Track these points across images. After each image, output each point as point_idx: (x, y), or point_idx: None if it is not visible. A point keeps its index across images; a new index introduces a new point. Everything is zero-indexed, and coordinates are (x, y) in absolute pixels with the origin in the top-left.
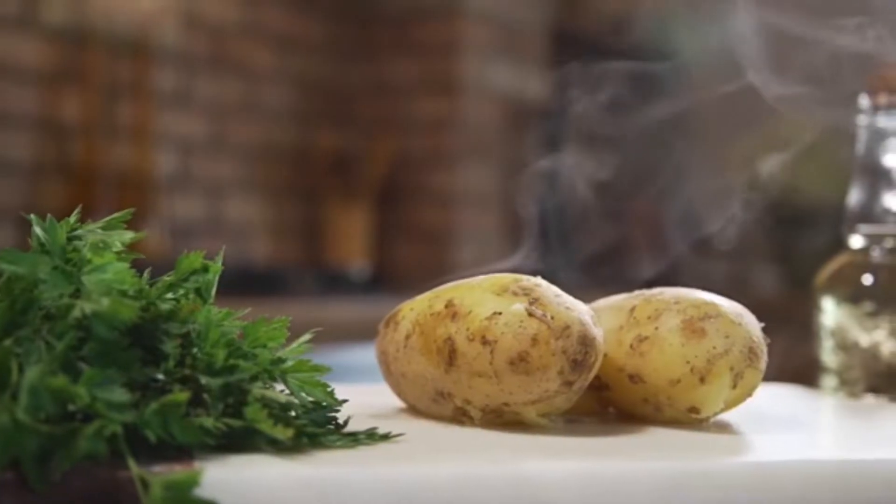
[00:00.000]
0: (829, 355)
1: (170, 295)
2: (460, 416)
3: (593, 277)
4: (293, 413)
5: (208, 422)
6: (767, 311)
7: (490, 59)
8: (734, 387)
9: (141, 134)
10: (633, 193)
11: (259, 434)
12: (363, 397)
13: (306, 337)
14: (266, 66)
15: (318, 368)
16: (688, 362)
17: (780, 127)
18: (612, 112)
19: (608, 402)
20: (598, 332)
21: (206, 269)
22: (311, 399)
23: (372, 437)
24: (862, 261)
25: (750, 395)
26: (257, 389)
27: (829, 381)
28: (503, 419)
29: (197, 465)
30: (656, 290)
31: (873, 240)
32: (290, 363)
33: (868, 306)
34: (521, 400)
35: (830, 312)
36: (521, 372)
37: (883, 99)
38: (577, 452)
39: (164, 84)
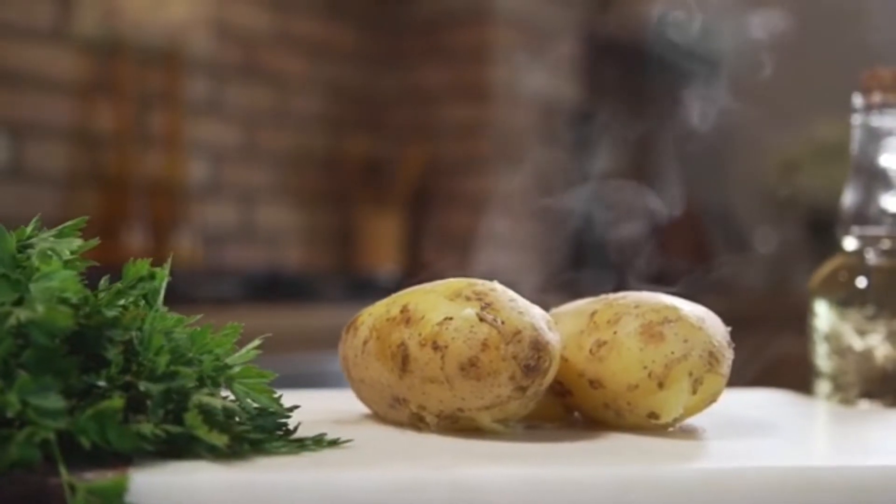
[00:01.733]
0: (823, 360)
1: (122, 302)
2: (417, 422)
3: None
4: (238, 419)
5: (147, 428)
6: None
7: (521, 63)
8: (694, 392)
9: (173, 142)
10: (668, 197)
11: (198, 440)
12: (331, 403)
13: (255, 343)
14: (297, 74)
15: (263, 375)
16: (645, 367)
17: (819, 130)
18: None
19: (572, 407)
20: (552, 337)
21: (152, 277)
22: (255, 405)
23: (319, 442)
24: (856, 263)
25: (713, 400)
26: (198, 396)
27: (823, 386)
28: (459, 425)
29: (130, 471)
30: (619, 294)
31: (868, 242)
32: (235, 370)
33: (862, 310)
34: (474, 405)
35: (824, 316)
36: (471, 377)
37: (877, 98)
38: (519, 458)
39: (195, 93)
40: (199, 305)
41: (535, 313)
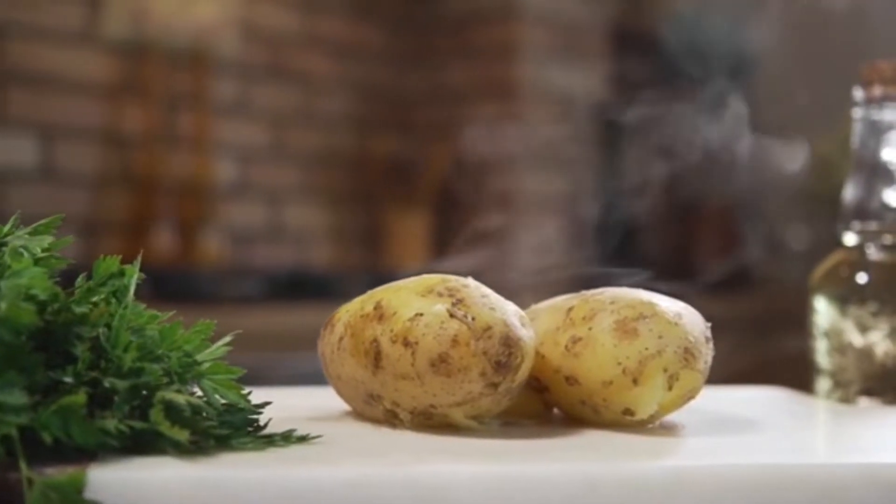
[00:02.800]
0: (822, 357)
1: (95, 299)
2: (391, 419)
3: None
4: (205, 415)
5: (111, 424)
6: None
7: (550, 60)
8: (669, 389)
9: (200, 143)
10: (700, 194)
11: (162, 436)
12: (318, 400)
13: (226, 339)
14: (324, 74)
15: (232, 371)
16: (619, 363)
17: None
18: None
19: (551, 403)
20: (524, 334)
21: (122, 274)
22: (223, 401)
23: (287, 439)
24: (857, 259)
25: (691, 397)
26: (162, 392)
27: (823, 383)
28: (433, 421)
29: (90, 467)
30: (597, 290)
31: (868, 237)
32: (204, 366)
33: (862, 306)
34: (446, 402)
35: (824, 312)
36: (442, 373)
37: (877, 91)
38: (483, 455)
39: (223, 94)
40: (225, 305)
41: (508, 309)
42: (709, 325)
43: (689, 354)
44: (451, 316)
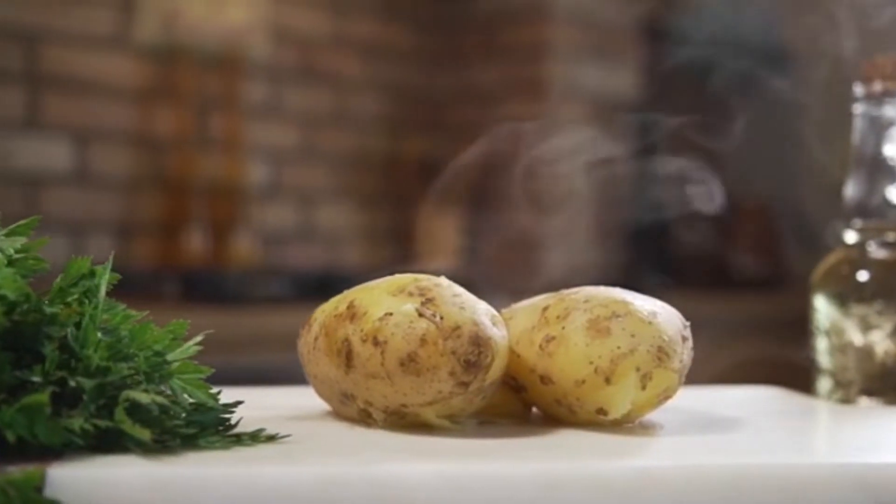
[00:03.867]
0: (823, 356)
1: (68, 299)
2: (365, 418)
3: (693, 280)
4: (173, 414)
5: (76, 423)
6: None
7: (580, 59)
8: (643, 388)
9: (232, 145)
10: (737, 192)
11: (127, 435)
12: (303, 399)
13: (197, 339)
14: (355, 75)
15: (200, 370)
16: (591, 362)
17: None
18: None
19: (530, 403)
20: (495, 333)
21: (93, 274)
22: (191, 401)
23: (256, 438)
24: (857, 256)
25: (667, 396)
26: (127, 391)
27: (824, 383)
28: (406, 421)
29: (52, 464)
30: (574, 289)
31: (870, 234)
32: (172, 365)
33: (863, 304)
34: (417, 401)
35: (824, 311)
36: (411, 373)
37: (878, 86)
38: (448, 454)
39: (254, 96)
40: (257, 305)
41: (479, 308)
42: (687, 324)
43: (663, 353)
44: (420, 315)
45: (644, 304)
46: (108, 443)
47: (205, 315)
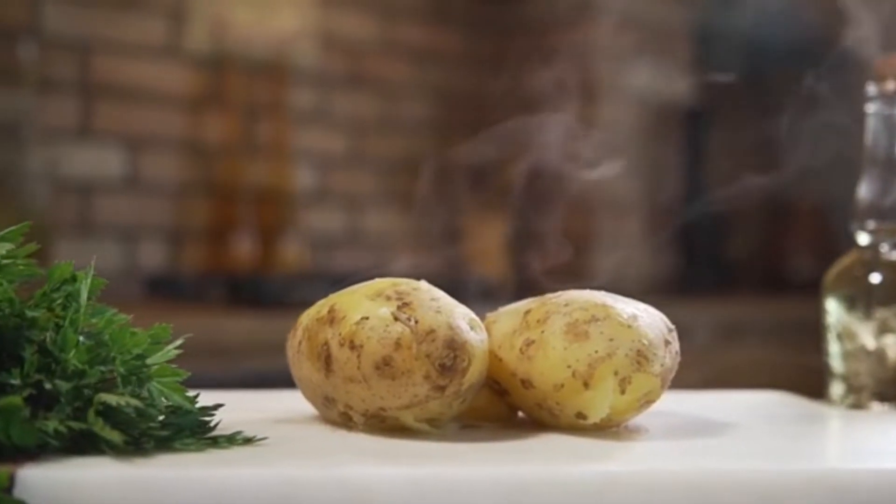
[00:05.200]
0: (836, 361)
1: (52, 304)
2: (346, 422)
3: (744, 282)
4: (148, 417)
5: (51, 425)
6: None
7: (629, 61)
8: (623, 392)
9: (280, 151)
10: (792, 194)
11: (100, 437)
12: (292, 403)
13: (176, 342)
14: (403, 80)
15: (177, 374)
16: (569, 366)
17: None
18: (766, 112)
19: (514, 407)
20: (472, 337)
21: (74, 279)
22: (168, 403)
23: (232, 440)
24: (870, 258)
25: (649, 401)
26: (102, 394)
27: (836, 388)
28: (386, 424)
29: (24, 466)
30: (558, 293)
31: (883, 235)
32: (151, 369)
33: (875, 307)
34: (394, 405)
35: (836, 314)
36: (387, 376)
37: (891, 86)
38: (417, 458)
39: (302, 102)
40: (303, 309)
41: (456, 312)
42: (672, 328)
43: (643, 357)
44: (396, 319)
45: (625, 307)
46: (83, 445)
47: (252, 319)
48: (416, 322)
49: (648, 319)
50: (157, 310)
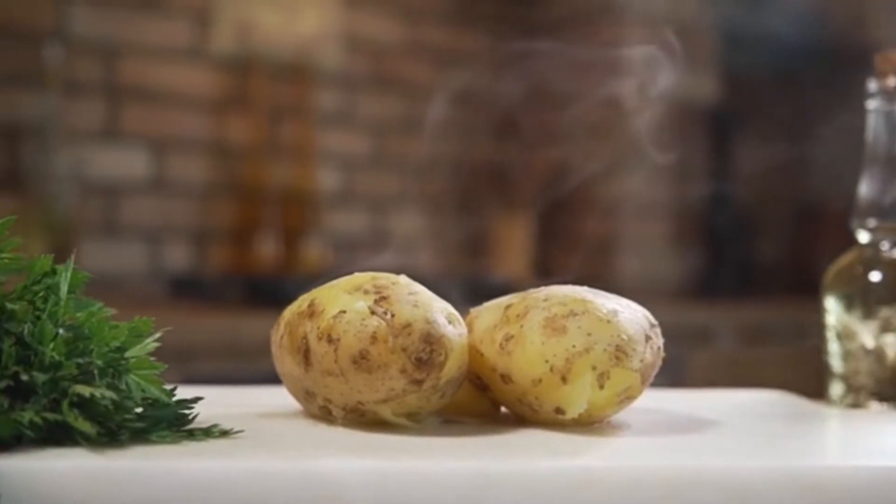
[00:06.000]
0: (835, 360)
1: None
2: (326, 416)
3: (772, 285)
4: (123, 409)
5: (27, 416)
6: None
7: (655, 62)
8: (601, 387)
9: (304, 153)
10: (821, 197)
11: (74, 428)
12: (280, 398)
13: (155, 335)
14: (427, 82)
15: (155, 366)
16: (547, 361)
17: None
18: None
19: (497, 402)
20: (449, 331)
21: (54, 272)
22: (145, 396)
23: (208, 433)
24: (871, 257)
25: (629, 396)
26: (76, 386)
27: (836, 388)
28: (366, 419)
29: (3, 457)
30: (538, 289)
31: (883, 233)
32: (128, 361)
33: (875, 306)
34: (371, 399)
35: (836, 313)
36: (363, 370)
37: (892, 82)
38: (388, 452)
39: (326, 104)
40: None
41: (434, 307)
42: (655, 324)
43: (622, 352)
44: (372, 313)
45: (606, 302)
46: (59, 436)
47: (274, 319)
48: (393, 316)
49: (629, 315)
50: (181, 310)
